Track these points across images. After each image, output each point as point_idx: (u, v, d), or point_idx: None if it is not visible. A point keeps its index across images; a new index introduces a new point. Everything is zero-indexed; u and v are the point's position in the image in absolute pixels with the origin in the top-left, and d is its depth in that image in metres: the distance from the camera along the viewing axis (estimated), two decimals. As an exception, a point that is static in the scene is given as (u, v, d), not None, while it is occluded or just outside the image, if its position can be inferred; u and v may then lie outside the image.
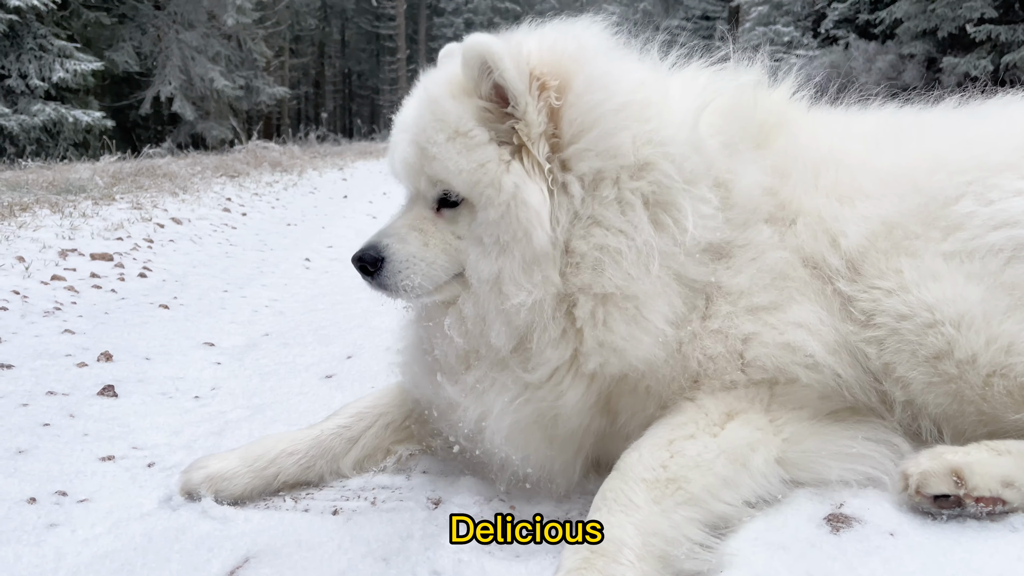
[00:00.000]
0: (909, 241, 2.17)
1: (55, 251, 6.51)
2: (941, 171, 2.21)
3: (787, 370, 2.17)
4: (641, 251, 2.11)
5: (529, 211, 2.10)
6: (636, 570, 1.77)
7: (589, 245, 2.14)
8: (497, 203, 2.13)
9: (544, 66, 2.15)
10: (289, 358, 4.39)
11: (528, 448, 2.27)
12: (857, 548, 1.90)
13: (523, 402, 2.22)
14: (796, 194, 2.34)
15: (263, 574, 2.14)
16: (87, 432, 3.24)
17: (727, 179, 2.29)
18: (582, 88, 2.14)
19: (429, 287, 2.29)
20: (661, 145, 2.18)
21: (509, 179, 2.12)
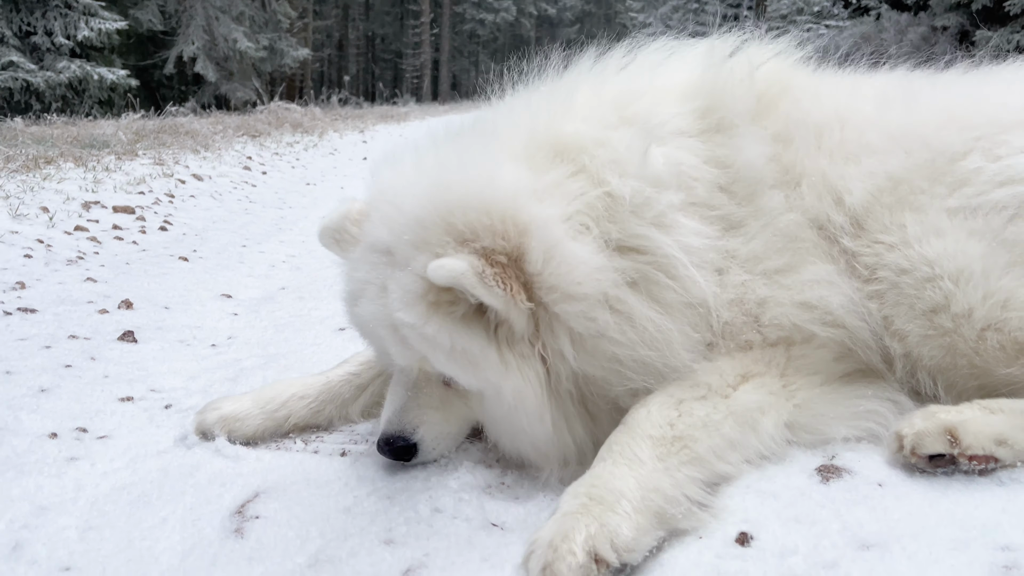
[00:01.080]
0: (914, 196, 2.19)
1: (78, 203, 6.63)
2: (950, 127, 2.22)
3: (804, 328, 2.19)
4: (650, 340, 2.09)
5: (530, 416, 2.09)
6: (631, 522, 1.80)
7: (599, 368, 2.11)
8: (500, 405, 2.12)
9: (495, 244, 2.03)
10: (304, 311, 4.47)
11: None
12: (845, 497, 1.95)
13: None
14: (799, 157, 2.35)
15: (272, 508, 2.22)
16: (107, 374, 3.34)
17: (725, 155, 2.30)
18: (540, 265, 2.03)
19: (455, 446, 2.40)
20: (627, 218, 2.11)
21: (509, 385, 2.06)
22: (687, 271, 2.12)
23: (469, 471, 2.31)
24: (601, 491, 1.86)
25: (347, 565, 1.92)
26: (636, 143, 2.18)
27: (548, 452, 2.16)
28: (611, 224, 2.12)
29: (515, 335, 2.06)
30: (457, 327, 2.04)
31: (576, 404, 2.16)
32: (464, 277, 1.91)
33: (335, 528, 2.09)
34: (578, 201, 2.12)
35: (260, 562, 1.96)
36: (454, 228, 2.04)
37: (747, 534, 1.84)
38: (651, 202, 2.14)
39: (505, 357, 2.06)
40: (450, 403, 2.30)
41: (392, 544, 1.99)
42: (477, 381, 2.12)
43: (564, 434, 2.14)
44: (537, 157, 2.22)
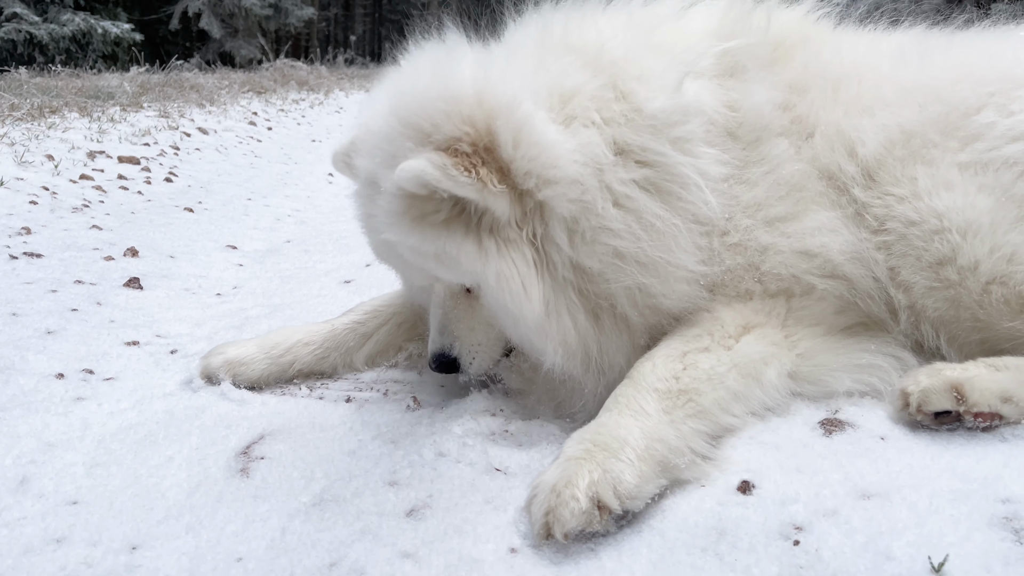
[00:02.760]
0: (926, 150, 2.17)
1: (83, 152, 6.60)
2: (964, 81, 2.20)
3: (803, 279, 2.20)
4: (656, 235, 2.08)
5: (515, 296, 2.07)
6: (634, 468, 1.80)
7: (596, 260, 2.09)
8: (489, 294, 2.11)
9: (466, 135, 2.00)
10: (309, 264, 4.47)
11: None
12: (847, 449, 1.96)
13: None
14: (814, 108, 2.34)
15: (277, 449, 2.24)
16: (113, 319, 3.35)
17: (734, 99, 2.29)
18: (511, 149, 2.00)
19: (495, 359, 2.39)
20: (644, 130, 2.10)
21: (491, 270, 2.05)
22: (701, 192, 2.11)
23: (473, 418, 2.32)
24: (606, 438, 1.86)
25: (351, 504, 1.94)
26: (673, 70, 2.17)
27: (546, 332, 2.11)
28: (627, 131, 2.11)
29: (499, 221, 2.05)
30: (439, 232, 2.04)
31: (577, 295, 2.14)
32: (425, 174, 1.90)
33: (340, 470, 2.11)
34: (583, 93, 2.12)
35: (265, 500, 1.98)
36: (414, 128, 2.01)
37: (749, 483, 1.85)
38: (676, 125, 2.13)
39: (485, 245, 2.05)
40: (474, 312, 2.31)
41: (396, 486, 2.01)
42: (462, 276, 2.13)
43: (564, 318, 2.12)
44: (542, 53, 2.22)
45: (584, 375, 2.19)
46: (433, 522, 1.85)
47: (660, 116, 2.11)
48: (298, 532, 1.84)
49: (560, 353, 2.13)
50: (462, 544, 1.76)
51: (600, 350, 2.19)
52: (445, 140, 1.99)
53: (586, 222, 2.07)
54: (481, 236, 2.06)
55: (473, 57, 2.18)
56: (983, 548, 1.55)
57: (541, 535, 1.70)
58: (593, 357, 2.18)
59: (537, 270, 2.09)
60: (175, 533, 1.87)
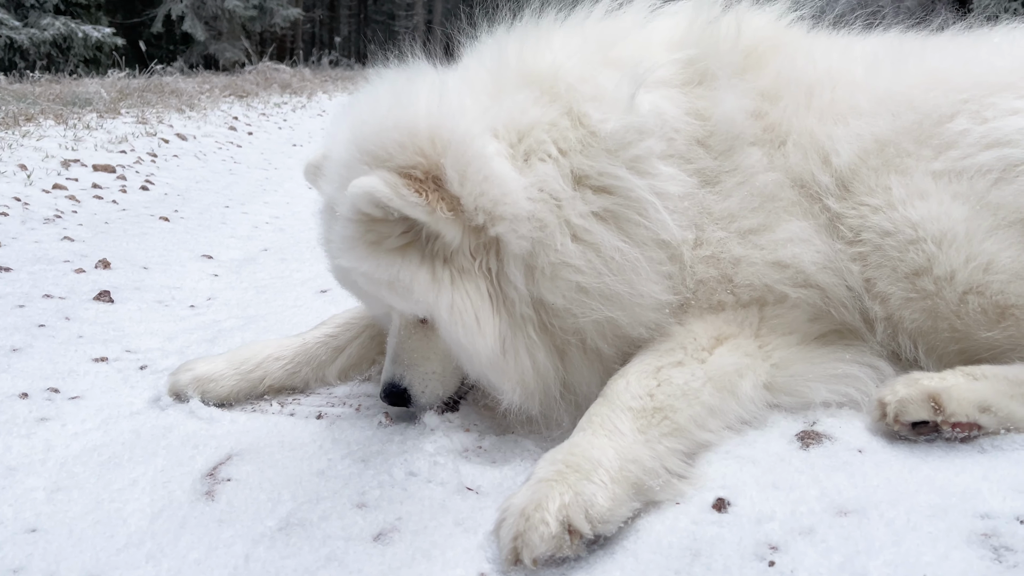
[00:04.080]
0: (900, 159, 2.15)
1: (58, 161, 6.50)
2: (938, 88, 2.17)
3: (776, 289, 2.16)
4: (617, 268, 2.05)
5: (468, 330, 2.04)
6: (607, 491, 1.75)
7: (559, 296, 2.06)
8: (442, 327, 2.08)
9: (419, 163, 1.99)
10: (286, 273, 4.41)
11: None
12: (825, 463, 1.92)
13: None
14: (787, 116, 2.30)
15: (245, 470, 2.18)
16: (82, 334, 3.28)
17: (703, 108, 2.25)
18: (457, 185, 1.98)
19: (451, 390, 2.36)
20: (600, 155, 2.08)
21: (443, 301, 2.03)
22: (659, 215, 2.08)
23: (446, 435, 2.27)
24: (578, 459, 1.82)
25: (318, 528, 1.88)
26: (625, 85, 2.13)
27: (502, 369, 2.09)
28: (584, 158, 2.09)
29: (452, 249, 2.03)
30: (393, 259, 2.04)
31: (537, 332, 2.11)
32: (376, 190, 1.90)
33: (307, 491, 2.06)
34: (540, 126, 2.10)
35: (230, 525, 1.93)
36: (370, 155, 2.02)
37: (724, 500, 1.81)
38: (630, 145, 2.09)
39: (438, 275, 2.04)
40: (429, 342, 2.27)
41: (365, 508, 1.96)
42: (415, 306, 2.10)
43: (522, 356, 2.09)
44: (499, 84, 2.21)
45: (546, 413, 2.15)
46: (401, 546, 1.80)
47: (614, 137, 2.08)
48: (262, 559, 1.78)
49: (518, 392, 2.10)
50: (430, 569, 1.71)
51: (565, 386, 2.16)
52: (398, 167, 1.98)
53: (545, 258, 2.04)
54: (435, 266, 2.04)
55: (430, 87, 2.14)
56: (961, 568, 1.51)
57: (509, 560, 1.66)
58: (553, 396, 2.14)
59: (492, 305, 2.06)
60: (135, 562, 1.81)
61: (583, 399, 2.20)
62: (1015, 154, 2.02)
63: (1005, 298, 2.01)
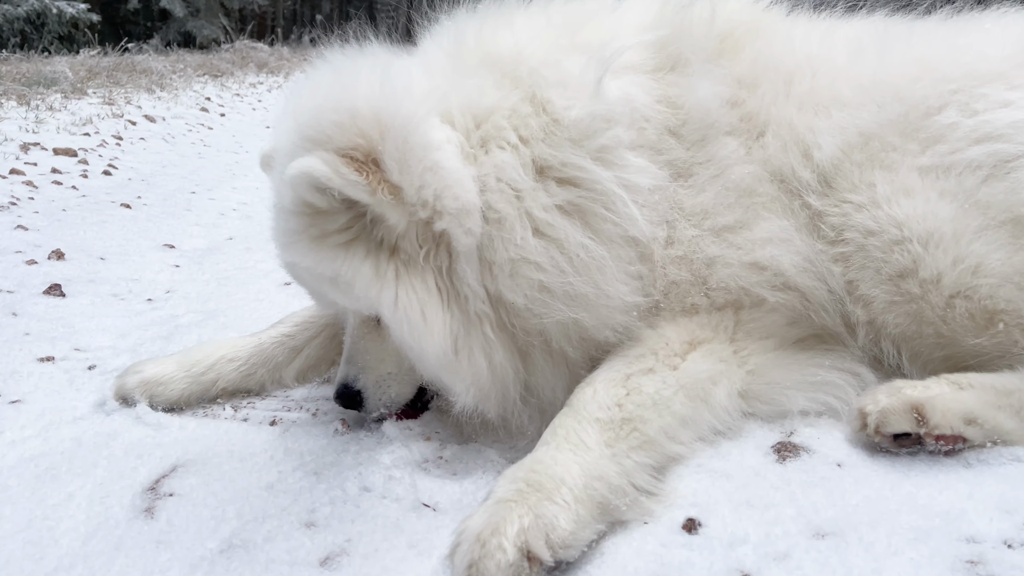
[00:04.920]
0: (886, 153, 2.03)
1: (16, 144, 6.27)
2: (925, 79, 2.05)
3: (752, 291, 2.04)
4: (582, 267, 1.93)
5: (414, 327, 1.92)
6: (570, 512, 1.63)
7: (520, 295, 1.94)
8: (388, 325, 1.96)
9: (359, 146, 1.86)
10: (250, 263, 4.25)
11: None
12: (802, 479, 1.81)
13: None
14: (764, 104, 2.18)
15: (189, 484, 2.05)
16: (28, 331, 3.12)
17: (676, 95, 2.13)
18: (396, 174, 1.85)
19: (408, 394, 2.24)
20: (563, 144, 1.95)
21: (387, 295, 1.91)
22: (627, 209, 1.96)
23: (404, 444, 2.14)
24: (540, 477, 1.69)
25: (261, 551, 1.75)
26: (591, 70, 1.99)
27: (455, 370, 1.96)
28: (546, 147, 1.96)
29: (393, 233, 1.91)
30: (336, 254, 1.93)
31: (496, 331, 1.98)
32: (314, 170, 1.78)
33: (254, 508, 1.93)
34: (499, 111, 1.98)
35: (168, 547, 1.79)
36: (309, 139, 1.90)
37: (695, 520, 1.70)
38: (597, 134, 1.96)
39: (383, 270, 1.92)
40: (383, 341, 2.15)
41: (313, 528, 1.83)
42: (358, 302, 1.98)
43: (476, 357, 1.96)
44: (457, 67, 2.09)
45: (505, 417, 2.03)
46: (350, 572, 1.67)
47: (579, 126, 1.95)
48: (200, 586, 1.65)
49: (472, 394, 1.97)
50: (379, 599, 1.59)
51: (528, 390, 2.04)
52: (337, 148, 1.85)
53: (504, 253, 1.91)
54: (379, 260, 1.92)
55: (373, 67, 2.00)
56: (945, 600, 1.41)
57: (464, 590, 1.54)
58: (512, 399, 2.02)
59: (443, 301, 1.94)
60: (63, 589, 1.68)
61: (548, 405, 2.08)
62: (1007, 149, 1.91)
63: (994, 303, 1.90)
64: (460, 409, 2.01)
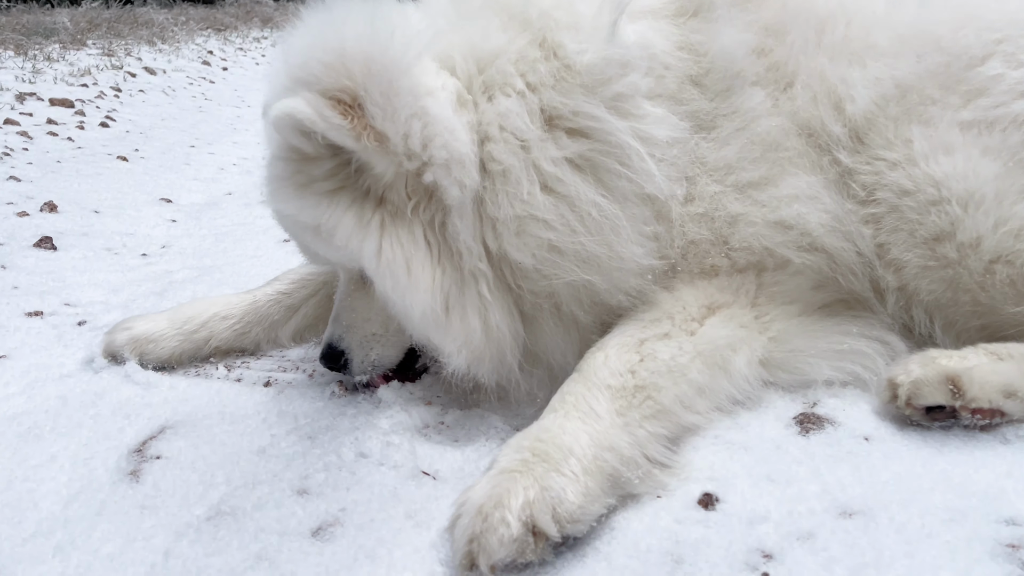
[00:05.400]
0: (924, 107, 1.89)
1: (12, 94, 6.12)
2: (968, 27, 1.91)
3: (777, 252, 1.91)
4: (594, 227, 1.80)
5: (397, 280, 1.79)
6: (579, 485, 1.52)
7: (527, 255, 1.81)
8: (371, 279, 1.84)
9: (346, 87, 1.73)
10: (249, 219, 4.13)
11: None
12: (826, 452, 1.70)
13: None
14: (793, 53, 2.04)
15: (177, 446, 1.95)
16: (17, 285, 3.02)
17: (697, 43, 1.98)
18: (380, 120, 1.73)
19: (394, 356, 2.11)
20: (575, 91, 1.80)
21: (370, 245, 1.79)
22: (643, 163, 1.82)
23: (403, 409, 2.04)
24: (547, 446, 1.58)
25: (251, 519, 1.65)
26: (606, 12, 1.85)
27: (445, 330, 1.84)
28: (556, 95, 1.81)
29: (379, 182, 1.79)
30: (319, 201, 1.81)
31: (493, 291, 1.86)
32: (297, 111, 1.67)
33: (244, 473, 1.83)
34: (505, 55, 1.83)
35: (153, 512, 1.70)
36: (296, 79, 1.77)
37: (712, 495, 1.59)
38: (611, 81, 1.82)
39: (366, 219, 1.80)
40: (370, 300, 2.03)
41: (306, 495, 1.73)
42: (339, 253, 1.86)
43: (469, 317, 1.84)
44: (460, 9, 1.96)
45: (502, 383, 1.92)
46: (343, 543, 1.57)
47: (592, 71, 1.80)
48: (184, 556, 1.56)
49: (463, 356, 1.84)
50: (373, 573, 1.48)
51: (536, 356, 1.93)
52: (324, 90, 1.72)
53: (509, 209, 1.78)
54: (364, 209, 1.80)
55: (364, 8, 1.85)
56: (986, 587, 1.30)
57: (464, 566, 1.43)
58: (509, 364, 1.90)
59: (432, 256, 1.81)
60: (41, 555, 1.58)
61: (559, 371, 1.97)
62: None
63: None
64: (451, 372, 1.88)
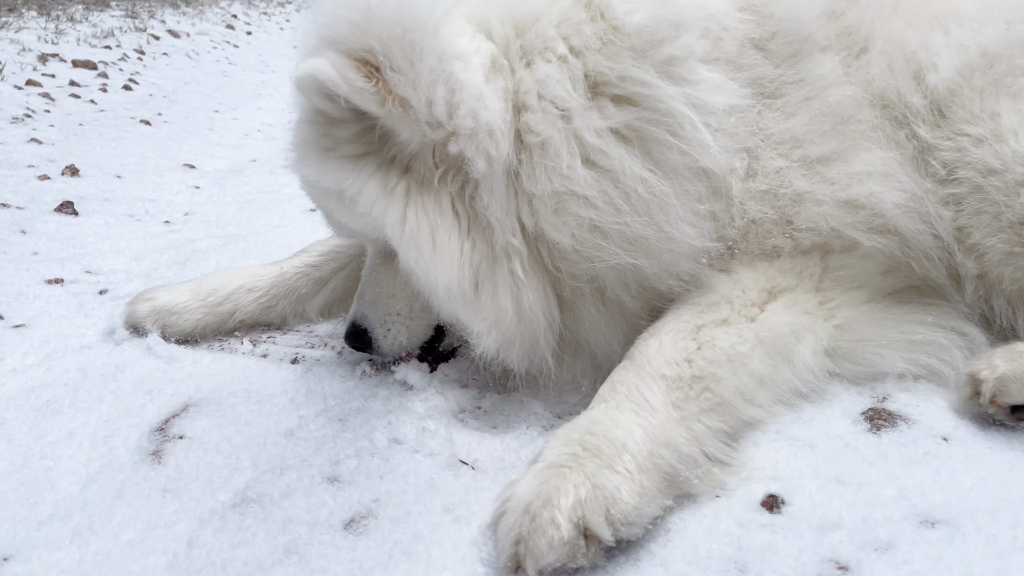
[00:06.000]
0: (1014, 78, 1.74)
1: (35, 55, 6.02)
2: None
3: (845, 234, 1.77)
4: (641, 205, 1.65)
5: (422, 251, 1.67)
6: (633, 483, 1.41)
7: (566, 235, 1.68)
8: (398, 249, 1.70)
9: (365, 44, 1.62)
10: (274, 187, 4.02)
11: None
12: (900, 453, 1.57)
13: None
14: (868, 16, 1.88)
15: (201, 426, 1.85)
16: (37, 251, 2.93)
17: (760, 3, 1.82)
18: (403, 80, 1.60)
19: (420, 335, 1.99)
20: (623, 55, 1.65)
21: (392, 215, 1.67)
22: (697, 134, 1.66)
23: (439, 391, 1.93)
24: (599, 440, 1.46)
25: (278, 508, 1.55)
26: None
27: (474, 308, 1.72)
28: (602, 59, 1.66)
29: (405, 150, 1.67)
30: (343, 166, 1.70)
31: (528, 270, 1.73)
32: (320, 73, 1.56)
33: (271, 457, 1.73)
34: (546, 17, 1.69)
35: (176, 496, 1.60)
36: (322, 37, 1.68)
37: (777, 497, 1.46)
38: (663, 43, 1.66)
39: (391, 185, 1.69)
40: (395, 275, 1.90)
41: (337, 483, 1.63)
42: (361, 221, 1.74)
43: (500, 296, 1.72)
44: None
45: (532, 371, 1.80)
46: (377, 538, 1.47)
47: (643, 33, 1.64)
48: (208, 545, 1.46)
49: (493, 336, 1.72)
50: (410, 571, 1.38)
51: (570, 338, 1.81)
52: (350, 50, 1.61)
53: (547, 184, 1.64)
54: (389, 176, 1.69)
55: None
56: (1094, 613, 1.18)
57: (509, 568, 1.32)
58: (541, 352, 1.77)
59: (459, 228, 1.69)
60: (58, 540, 1.49)
61: (603, 359, 1.84)
62: None
63: None
64: (480, 354, 1.76)
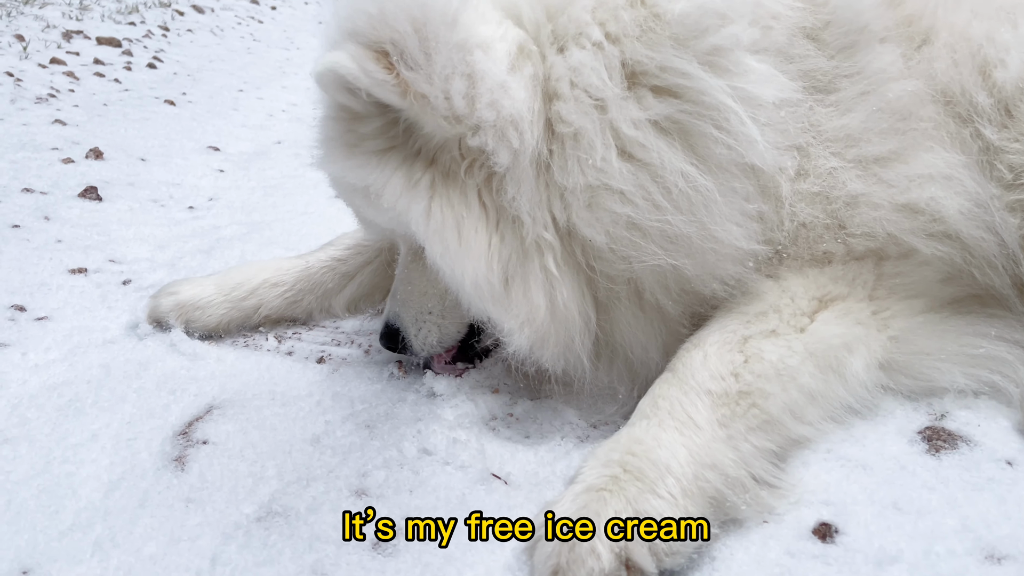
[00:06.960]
0: None
1: (59, 32, 5.97)
2: None
3: (902, 240, 1.66)
4: (683, 201, 1.56)
5: (447, 245, 1.60)
6: (677, 509, 1.34)
7: (600, 232, 1.58)
8: (424, 244, 1.63)
9: (384, 35, 1.55)
10: (299, 171, 3.95)
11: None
12: (962, 478, 1.48)
13: None
14: (931, 6, 1.76)
15: (225, 430, 1.80)
16: (61, 238, 2.88)
17: None
18: (422, 77, 1.53)
19: (453, 335, 1.92)
20: (664, 44, 1.55)
21: (416, 208, 1.61)
22: (744, 128, 1.56)
23: (470, 398, 1.86)
24: (641, 462, 1.39)
25: (304, 523, 1.50)
26: None
27: (504, 305, 1.64)
28: (642, 47, 1.55)
29: (430, 142, 1.60)
30: (368, 161, 1.65)
31: (562, 267, 1.64)
32: (339, 66, 1.50)
33: (297, 466, 1.67)
34: (580, 2, 1.59)
35: (200, 507, 1.55)
36: (342, 30, 1.61)
37: (830, 525, 1.38)
38: (708, 32, 1.55)
39: (415, 178, 1.62)
40: (427, 273, 1.83)
41: (365, 497, 1.57)
42: (386, 216, 1.68)
43: (532, 292, 1.64)
44: None
45: (568, 371, 1.72)
46: (407, 559, 1.41)
47: (685, 21, 1.53)
48: (232, 563, 1.41)
49: (526, 334, 1.63)
50: (443, 598, 1.32)
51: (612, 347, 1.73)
52: (370, 42, 1.53)
53: (580, 177, 1.55)
54: (414, 169, 1.62)
55: None
56: None
57: (546, 600, 1.26)
58: (576, 352, 1.69)
59: (487, 221, 1.61)
60: (78, 553, 1.45)
61: (640, 365, 1.76)
62: None
63: None
64: (512, 352, 1.68)
